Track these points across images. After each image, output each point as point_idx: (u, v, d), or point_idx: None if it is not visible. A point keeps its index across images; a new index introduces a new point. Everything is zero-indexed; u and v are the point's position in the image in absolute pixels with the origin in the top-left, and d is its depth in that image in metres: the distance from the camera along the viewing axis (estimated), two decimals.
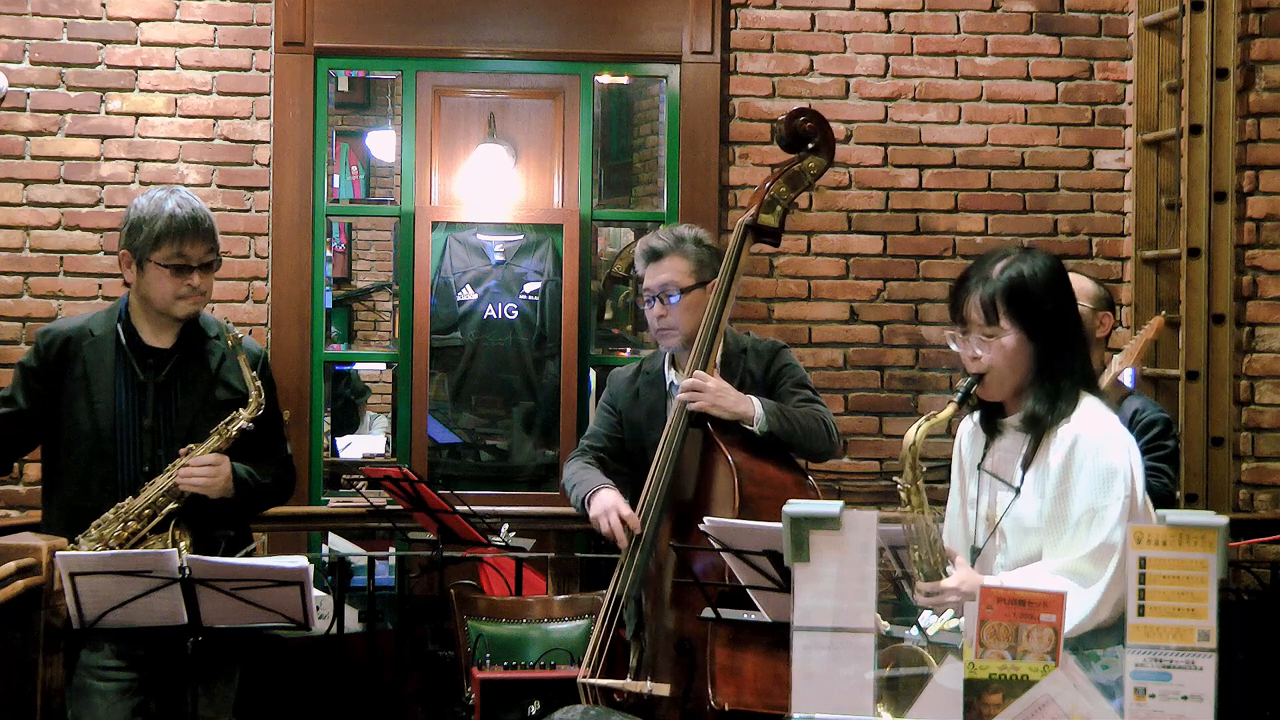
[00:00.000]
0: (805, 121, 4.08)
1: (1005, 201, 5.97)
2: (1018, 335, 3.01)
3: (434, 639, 4.95)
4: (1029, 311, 3.01)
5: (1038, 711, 2.35)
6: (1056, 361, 3.02)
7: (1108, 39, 5.98)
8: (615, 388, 4.32)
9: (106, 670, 3.67)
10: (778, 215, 4.06)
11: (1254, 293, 5.64)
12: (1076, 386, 3.03)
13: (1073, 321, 3.09)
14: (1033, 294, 3.01)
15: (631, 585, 3.93)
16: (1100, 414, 3.03)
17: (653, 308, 4.12)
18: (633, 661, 4.00)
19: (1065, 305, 3.08)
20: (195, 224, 3.74)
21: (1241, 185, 5.63)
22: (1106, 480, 2.93)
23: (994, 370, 3.03)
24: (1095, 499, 2.92)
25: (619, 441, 4.25)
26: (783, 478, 3.90)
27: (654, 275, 4.11)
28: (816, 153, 4.09)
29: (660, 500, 3.93)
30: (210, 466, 3.71)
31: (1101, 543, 2.89)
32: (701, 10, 5.89)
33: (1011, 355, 3.02)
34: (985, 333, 3.03)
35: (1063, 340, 3.04)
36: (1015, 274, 3.02)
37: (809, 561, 2.50)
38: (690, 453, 3.95)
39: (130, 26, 5.79)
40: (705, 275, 4.10)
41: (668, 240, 4.13)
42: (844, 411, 5.88)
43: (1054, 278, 3.06)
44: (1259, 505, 5.61)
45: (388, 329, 9.76)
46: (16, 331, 5.71)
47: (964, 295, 3.07)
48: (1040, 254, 3.10)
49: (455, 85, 6.24)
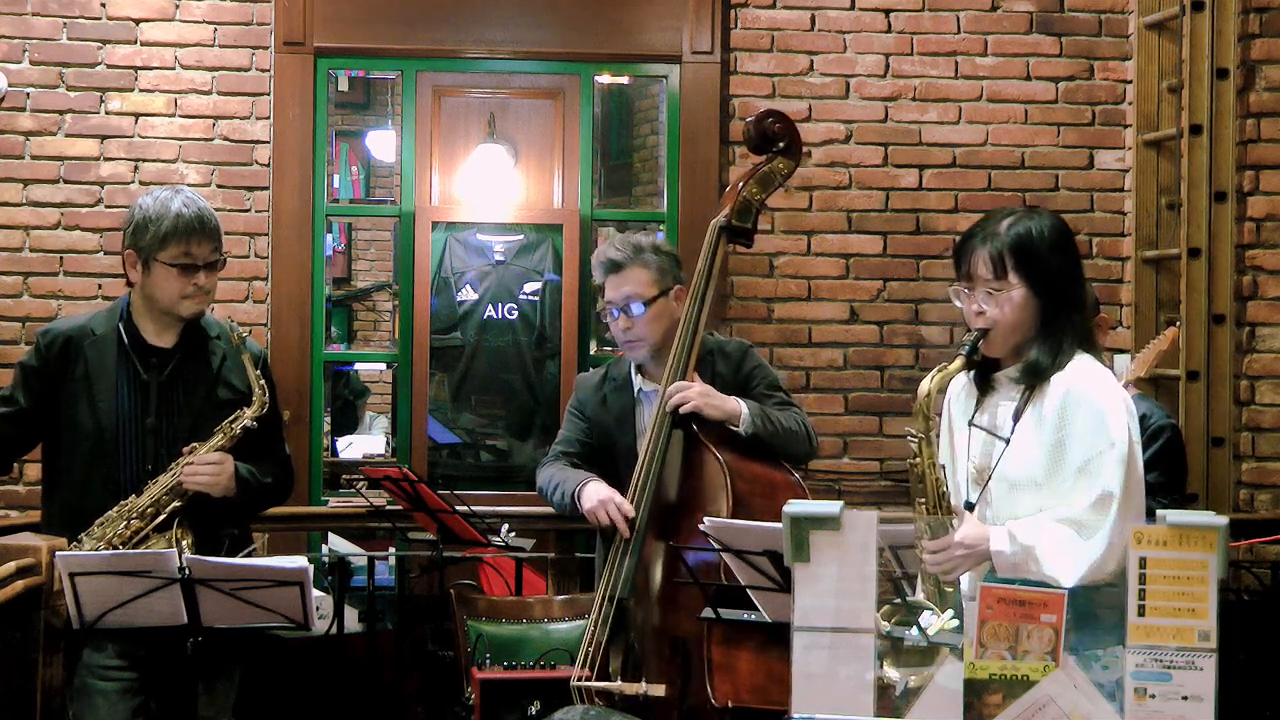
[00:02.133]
0: (774, 123, 4.13)
1: (1005, 201, 5.96)
2: (1024, 291, 3.03)
3: (434, 639, 4.95)
4: (1035, 267, 3.03)
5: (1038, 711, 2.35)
6: (1061, 317, 3.04)
7: (1108, 39, 5.98)
8: (582, 394, 4.32)
9: (107, 670, 3.67)
10: (751, 216, 4.09)
11: (1254, 293, 5.64)
12: (1075, 344, 3.05)
13: (1076, 281, 3.11)
14: (1039, 251, 3.04)
15: (622, 587, 3.93)
16: (1093, 367, 3.05)
17: (616, 320, 4.11)
18: (625, 664, 3.99)
19: (1070, 264, 3.10)
20: (201, 223, 3.74)
21: (1242, 185, 5.62)
22: (1100, 426, 2.95)
23: (999, 325, 3.05)
24: (1091, 446, 2.94)
25: (590, 446, 4.25)
26: (772, 476, 3.92)
27: (616, 287, 4.10)
28: (785, 153, 4.14)
29: (646, 502, 3.93)
30: (214, 465, 3.71)
31: (1101, 493, 2.91)
32: (701, 10, 5.89)
33: (1018, 310, 3.04)
34: (992, 287, 3.04)
35: (1066, 298, 3.06)
36: (1023, 230, 3.05)
37: (809, 561, 2.50)
38: (673, 454, 3.95)
39: (130, 26, 5.79)
40: (668, 283, 4.11)
41: (626, 251, 4.11)
42: (844, 411, 5.88)
43: (1059, 237, 3.08)
44: (1259, 505, 5.61)
45: (388, 329, 9.76)
46: (16, 331, 5.71)
47: (970, 250, 3.08)
48: (1046, 213, 3.13)
49: (455, 85, 6.24)
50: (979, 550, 2.96)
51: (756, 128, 4.11)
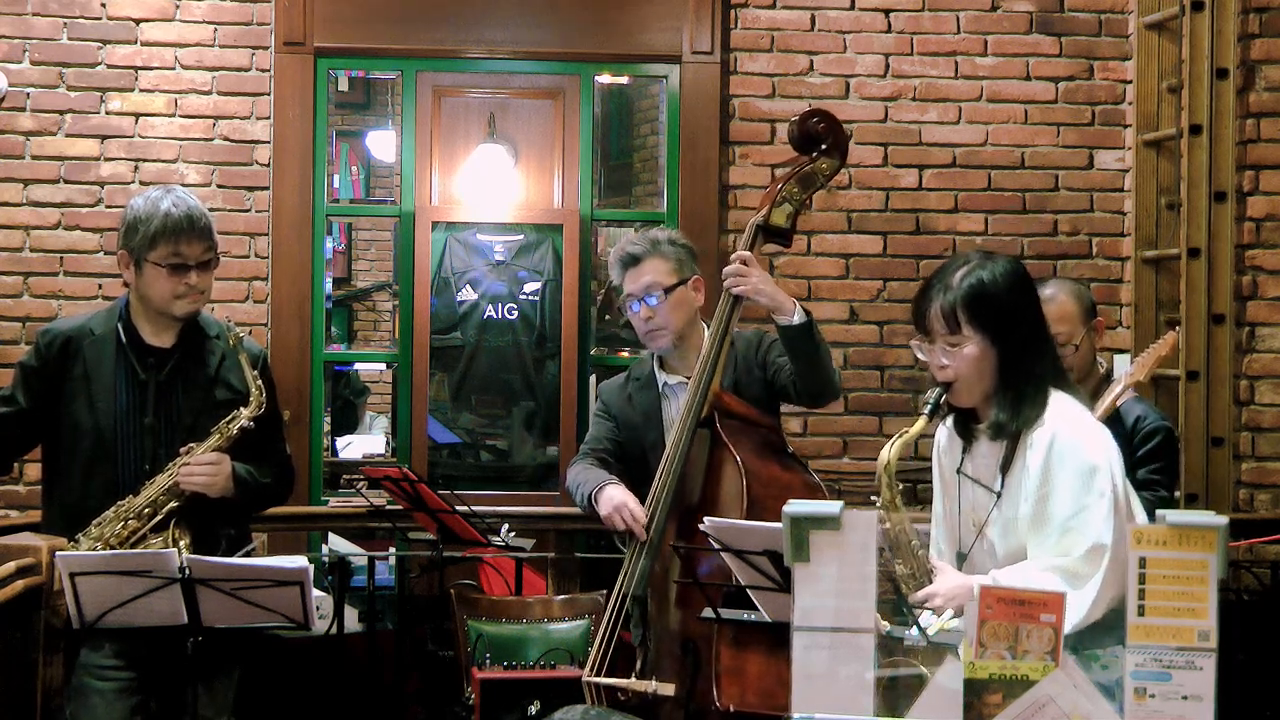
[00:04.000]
0: (819, 123, 4.08)
1: (1005, 201, 5.98)
2: (981, 342, 3.00)
3: (434, 639, 4.95)
4: (990, 318, 2.99)
5: (1038, 711, 2.35)
6: (1019, 367, 3.00)
7: (1108, 39, 5.99)
8: (607, 396, 4.34)
9: (106, 670, 3.67)
10: (789, 216, 4.06)
11: (1254, 293, 5.64)
12: (1042, 389, 3.01)
13: (1035, 324, 3.07)
14: (993, 300, 3.00)
15: (637, 585, 3.94)
16: (1072, 410, 3.01)
17: (638, 311, 4.13)
18: (638, 662, 4.00)
19: (1027, 309, 3.06)
20: (191, 223, 3.73)
21: (1241, 185, 5.63)
22: (1088, 478, 2.92)
23: (961, 379, 3.02)
24: (1079, 499, 2.91)
25: (619, 444, 4.26)
26: (790, 479, 3.90)
27: (635, 279, 4.13)
28: (829, 154, 4.08)
29: (666, 501, 3.93)
30: (211, 465, 3.71)
31: (1092, 544, 2.88)
32: (701, 10, 5.89)
33: (977, 362, 3.00)
34: (949, 341, 3.02)
35: (1025, 344, 3.02)
36: (975, 281, 3.00)
37: (809, 561, 2.50)
38: (697, 453, 3.95)
39: (130, 26, 5.79)
40: (686, 272, 4.13)
41: (643, 244, 4.15)
42: (844, 411, 5.88)
43: (1014, 282, 3.04)
44: (1259, 505, 5.62)
45: (388, 329, 9.76)
46: (16, 331, 5.71)
47: (926, 305, 3.05)
48: (1001, 259, 3.08)
49: (455, 85, 6.24)
50: (960, 602, 2.91)
51: (800, 128, 4.06)
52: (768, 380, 4.12)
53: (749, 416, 4.00)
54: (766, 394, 4.14)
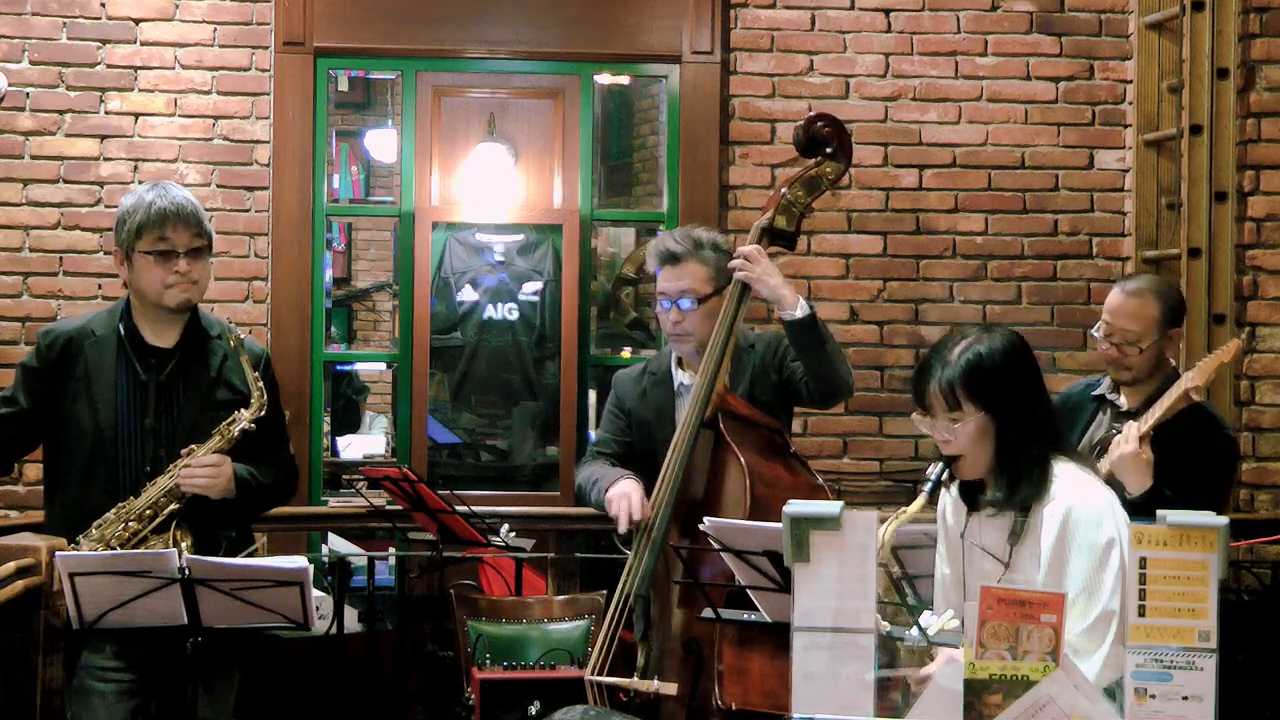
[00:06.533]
0: (823, 127, 4.08)
1: (1005, 201, 5.97)
2: (981, 417, 3.01)
3: (434, 639, 4.95)
4: (989, 394, 3.01)
5: (1038, 711, 2.35)
6: (1017, 448, 3.02)
7: (1108, 39, 5.98)
8: (621, 389, 4.31)
9: (106, 671, 3.67)
10: (793, 219, 4.06)
11: (1254, 293, 5.64)
12: (1042, 465, 3.02)
13: (1034, 396, 3.08)
14: (991, 375, 3.01)
15: (640, 585, 3.93)
16: (1081, 483, 3.02)
17: (667, 311, 4.11)
18: (640, 661, 4.00)
19: (1025, 381, 3.07)
20: (176, 209, 3.73)
21: (1242, 185, 5.62)
22: (1103, 556, 2.92)
23: (966, 455, 3.04)
24: (1090, 575, 2.91)
25: (628, 445, 4.25)
26: (794, 480, 3.90)
27: (672, 279, 4.10)
28: (834, 158, 4.08)
29: (670, 500, 3.93)
30: (212, 467, 3.70)
31: (1101, 611, 2.88)
32: (701, 10, 5.89)
33: (979, 438, 3.02)
34: (949, 418, 3.03)
35: (1023, 418, 3.03)
36: (973, 356, 3.02)
37: (809, 561, 2.50)
38: (701, 453, 3.94)
39: (130, 26, 5.79)
40: (721, 282, 4.09)
41: (685, 244, 4.11)
42: (844, 411, 5.87)
43: (1011, 355, 3.05)
44: (1259, 505, 5.61)
45: (388, 329, 9.76)
46: (16, 331, 5.71)
47: (925, 381, 3.06)
48: (999, 332, 3.09)
49: (455, 85, 6.24)
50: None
51: (805, 132, 4.06)
52: (782, 382, 4.12)
53: (754, 418, 4.00)
54: (780, 397, 4.14)
